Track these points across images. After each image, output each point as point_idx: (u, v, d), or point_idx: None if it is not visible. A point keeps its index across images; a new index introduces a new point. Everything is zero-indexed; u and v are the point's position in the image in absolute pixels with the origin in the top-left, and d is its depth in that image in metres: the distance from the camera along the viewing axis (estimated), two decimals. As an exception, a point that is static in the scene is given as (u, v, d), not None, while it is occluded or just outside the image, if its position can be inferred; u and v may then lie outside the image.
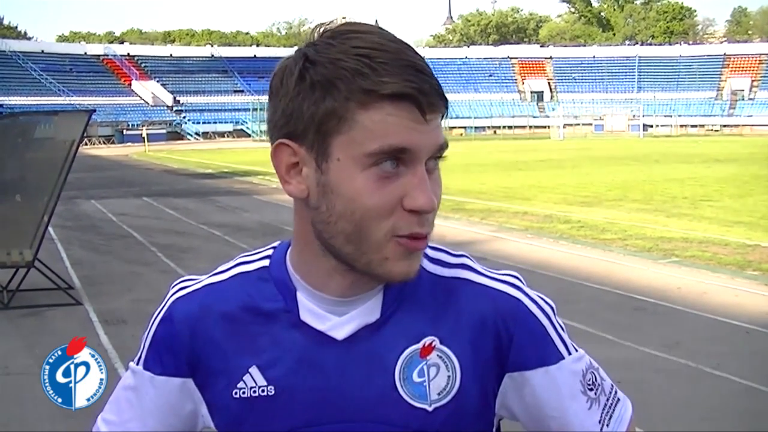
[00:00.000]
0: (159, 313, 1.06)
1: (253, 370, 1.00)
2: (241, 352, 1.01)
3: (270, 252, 1.07)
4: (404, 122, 0.90)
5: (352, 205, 0.92)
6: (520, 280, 1.06)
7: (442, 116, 0.95)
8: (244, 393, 1.00)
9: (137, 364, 1.07)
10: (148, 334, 1.06)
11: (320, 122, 0.92)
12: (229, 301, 1.03)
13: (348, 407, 0.99)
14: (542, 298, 1.06)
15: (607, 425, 1.05)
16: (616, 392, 1.09)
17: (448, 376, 1.00)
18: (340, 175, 0.92)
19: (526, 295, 1.04)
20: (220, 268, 1.08)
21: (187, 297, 1.05)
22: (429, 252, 1.05)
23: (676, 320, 7.20)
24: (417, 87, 0.90)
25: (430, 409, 0.99)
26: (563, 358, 1.03)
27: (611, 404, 1.07)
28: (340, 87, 0.91)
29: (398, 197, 0.92)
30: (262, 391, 1.00)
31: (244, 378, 1.00)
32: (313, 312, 1.00)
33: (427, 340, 1.00)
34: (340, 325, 0.99)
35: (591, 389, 1.05)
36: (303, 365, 0.99)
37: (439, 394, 0.99)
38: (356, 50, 0.91)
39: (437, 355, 1.00)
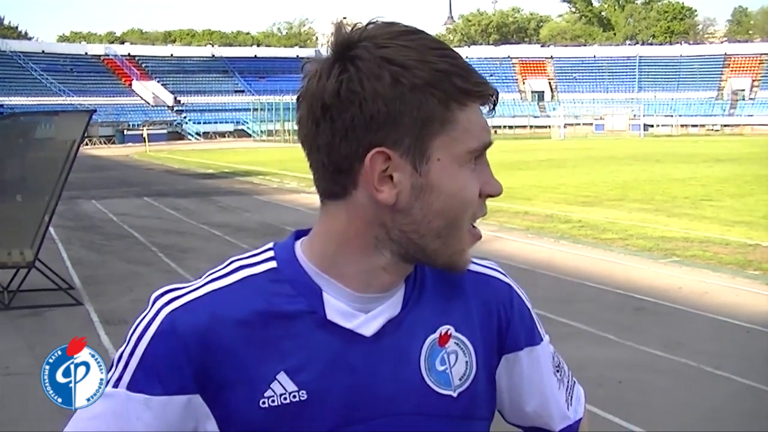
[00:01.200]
0: (147, 326, 0.96)
1: (281, 376, 0.95)
2: (264, 359, 0.95)
3: (271, 254, 1.02)
4: (484, 119, 0.98)
5: (452, 200, 0.95)
6: (501, 268, 1.15)
7: None
8: (273, 401, 0.95)
9: (115, 386, 0.95)
10: (134, 351, 0.95)
11: (423, 125, 0.93)
12: (241, 307, 0.96)
13: (380, 402, 0.98)
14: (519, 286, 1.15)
15: (571, 404, 1.15)
16: (571, 375, 1.18)
17: (466, 362, 1.04)
18: (442, 174, 0.94)
19: (512, 282, 1.13)
20: (215, 274, 1.00)
21: (188, 307, 0.96)
22: None
23: (677, 320, 7.19)
24: (492, 87, 0.97)
25: (455, 394, 1.02)
26: (542, 339, 1.13)
27: (571, 386, 1.17)
28: (441, 88, 0.93)
29: (479, 187, 0.97)
30: (294, 396, 0.95)
31: (272, 386, 0.95)
32: (340, 311, 0.97)
33: (443, 329, 1.03)
34: (368, 322, 0.98)
35: (558, 371, 1.14)
36: (333, 365, 0.96)
37: (460, 379, 1.03)
38: (434, 51, 0.93)
39: (454, 343, 1.03)
